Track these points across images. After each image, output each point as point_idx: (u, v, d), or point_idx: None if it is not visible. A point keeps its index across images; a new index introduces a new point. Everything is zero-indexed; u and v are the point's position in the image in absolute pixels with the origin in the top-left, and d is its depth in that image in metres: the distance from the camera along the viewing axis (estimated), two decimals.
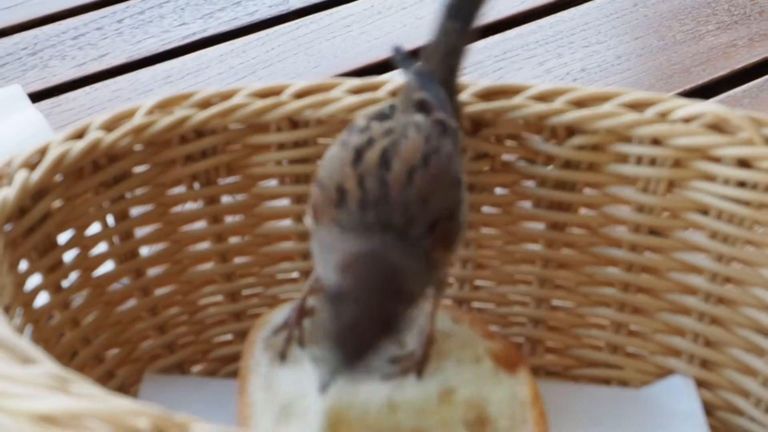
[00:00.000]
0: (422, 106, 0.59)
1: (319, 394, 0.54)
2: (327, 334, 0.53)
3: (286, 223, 0.66)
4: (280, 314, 0.63)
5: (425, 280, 0.56)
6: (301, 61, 0.99)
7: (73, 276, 0.61)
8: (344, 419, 0.58)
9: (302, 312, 0.61)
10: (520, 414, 0.59)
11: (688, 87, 0.95)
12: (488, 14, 0.93)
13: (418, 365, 0.60)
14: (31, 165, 0.58)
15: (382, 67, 0.96)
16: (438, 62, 0.62)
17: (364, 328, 0.53)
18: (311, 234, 0.57)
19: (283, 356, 0.60)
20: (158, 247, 0.65)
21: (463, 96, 0.63)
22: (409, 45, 0.97)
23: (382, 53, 0.99)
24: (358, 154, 0.56)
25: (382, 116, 0.59)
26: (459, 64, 0.62)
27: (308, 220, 0.58)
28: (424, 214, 0.55)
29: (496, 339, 0.64)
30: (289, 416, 0.58)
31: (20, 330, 0.56)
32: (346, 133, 0.59)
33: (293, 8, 1.07)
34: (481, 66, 0.96)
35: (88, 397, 0.42)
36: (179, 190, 0.64)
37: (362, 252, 0.54)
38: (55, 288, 0.60)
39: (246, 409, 0.59)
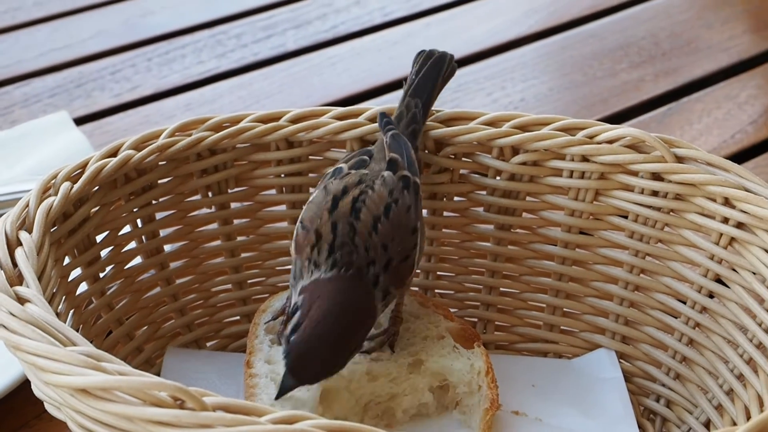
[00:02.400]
0: (392, 164, 0.59)
1: (274, 399, 0.55)
2: (288, 355, 0.54)
3: (284, 224, 0.67)
4: (278, 301, 0.64)
5: (380, 308, 0.56)
6: (296, 93, 0.99)
7: (108, 269, 0.62)
8: (333, 387, 0.58)
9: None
10: (476, 381, 0.60)
11: (606, 114, 0.96)
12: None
13: (391, 341, 0.61)
14: (73, 178, 0.58)
15: (361, 97, 0.99)
16: (403, 127, 0.62)
17: (318, 351, 0.54)
18: (292, 262, 0.58)
19: (280, 337, 0.61)
20: (178, 244, 0.65)
21: (428, 122, 0.64)
22: (383, 80, 1.00)
23: (361, 86, 1.00)
24: (335, 202, 0.57)
25: (359, 164, 0.59)
26: (420, 128, 0.63)
27: (291, 251, 0.58)
28: (382, 256, 0.56)
29: (456, 320, 0.64)
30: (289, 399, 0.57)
31: (64, 314, 0.57)
32: (330, 176, 0.59)
33: (289, 50, 1.07)
34: (441, 97, 0.97)
35: (118, 373, 0.43)
36: (196, 198, 0.65)
37: (328, 284, 0.55)
38: (93, 279, 0.60)
39: (252, 380, 0.59)
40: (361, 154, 0.61)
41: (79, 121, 0.93)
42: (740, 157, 0.90)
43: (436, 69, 0.65)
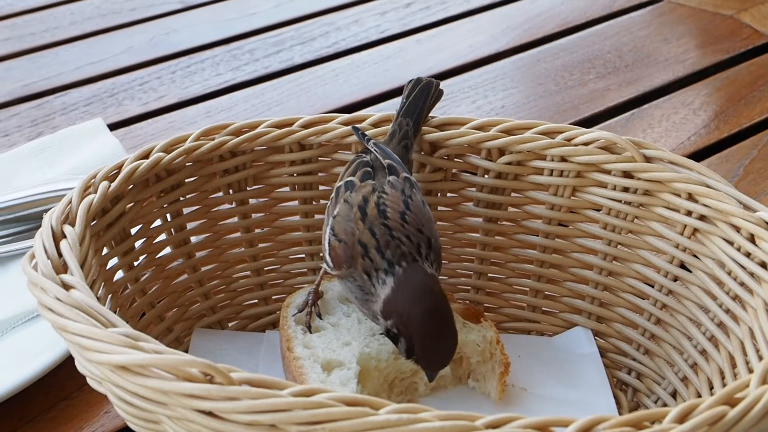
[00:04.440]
0: (392, 170, 0.59)
1: (428, 382, 0.56)
2: (429, 345, 0.53)
3: (296, 218, 0.67)
4: (299, 297, 0.63)
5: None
6: (303, 101, 0.99)
7: (142, 258, 0.61)
8: (365, 368, 0.58)
9: (317, 295, 0.62)
10: (489, 350, 0.59)
11: (577, 119, 0.95)
12: (435, 68, 0.96)
13: None
14: (110, 177, 0.58)
15: (360, 105, 0.98)
16: (395, 143, 0.62)
17: (452, 331, 0.54)
18: (335, 275, 0.57)
19: (309, 328, 0.60)
20: (203, 236, 0.65)
21: (423, 127, 0.64)
22: (379, 90, 1.00)
23: (359, 96, 1.00)
24: (363, 210, 0.56)
25: (366, 176, 0.58)
26: (411, 143, 0.62)
27: (327, 268, 0.57)
28: (423, 239, 0.55)
29: (457, 302, 0.64)
30: (330, 367, 0.57)
31: (104, 298, 0.56)
32: (344, 188, 0.58)
33: (296, 63, 1.07)
34: None
35: (154, 351, 0.43)
36: (218, 195, 0.64)
37: (401, 286, 0.54)
38: (128, 267, 0.60)
39: (297, 362, 0.58)
40: (363, 165, 0.60)
41: (112, 126, 0.93)
42: (696, 156, 0.89)
43: (424, 93, 0.64)
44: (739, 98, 1.00)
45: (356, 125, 0.63)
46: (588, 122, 0.95)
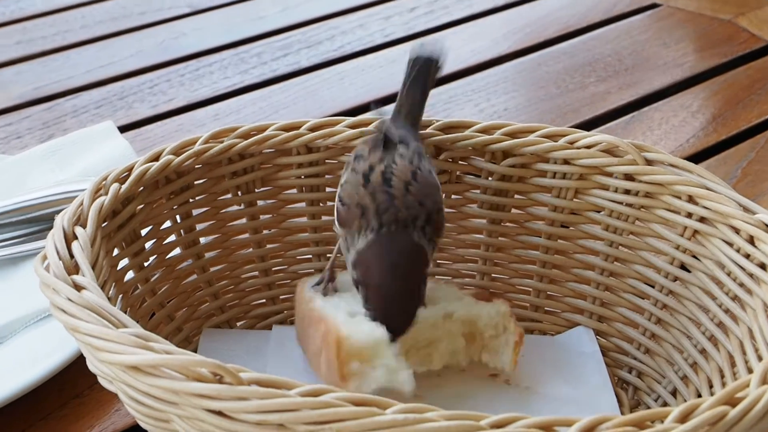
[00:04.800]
0: (402, 140, 0.59)
1: (391, 341, 0.53)
2: (377, 320, 0.53)
3: (303, 219, 0.66)
4: (311, 280, 0.61)
5: (430, 253, 0.56)
6: (310, 104, 0.98)
7: (152, 259, 0.61)
8: None
9: (333, 273, 0.61)
10: (502, 324, 0.58)
11: (577, 121, 0.95)
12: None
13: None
14: (121, 179, 0.57)
15: (365, 107, 0.97)
16: (403, 116, 0.61)
17: (409, 296, 0.54)
18: (340, 236, 0.57)
19: (325, 294, 0.59)
20: (212, 237, 0.64)
21: (428, 130, 0.63)
22: (384, 92, 1.00)
23: (365, 98, 0.99)
24: (366, 177, 0.56)
25: (376, 145, 0.58)
26: (420, 115, 0.62)
27: (336, 228, 0.57)
28: (422, 212, 0.55)
29: (467, 289, 0.63)
30: (355, 316, 0.55)
31: (114, 298, 0.56)
32: (353, 159, 0.58)
33: (303, 67, 1.06)
34: (434, 107, 0.96)
35: (164, 352, 0.42)
36: (227, 196, 0.64)
37: (377, 240, 0.54)
38: (138, 268, 0.59)
39: (319, 311, 0.56)
40: (375, 139, 0.59)
41: (122, 129, 0.92)
42: (694, 158, 0.89)
43: (425, 68, 0.63)
44: (736, 101, 0.99)
45: (376, 101, 0.62)
46: (589, 125, 0.95)
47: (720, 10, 1.18)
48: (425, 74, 0.63)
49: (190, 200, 0.62)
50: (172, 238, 0.62)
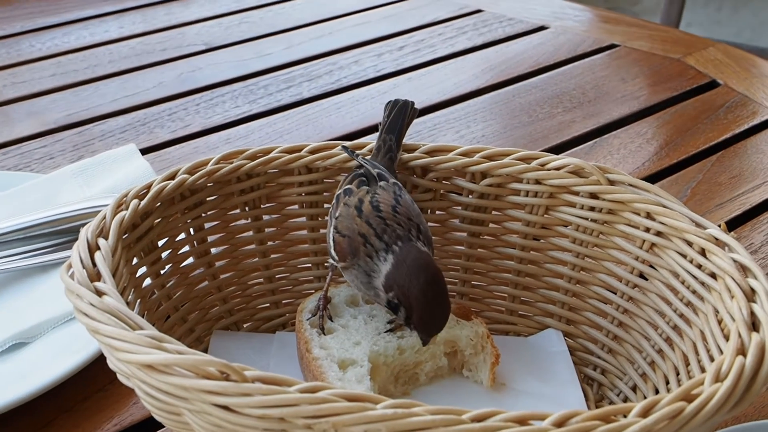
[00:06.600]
0: (381, 176, 0.58)
1: (423, 345, 0.54)
2: (426, 312, 0.52)
3: (304, 232, 0.65)
4: (311, 302, 0.61)
5: None
6: (310, 130, 0.97)
7: (167, 267, 0.60)
8: (375, 364, 0.56)
9: (326, 300, 0.60)
10: (480, 344, 0.58)
11: (547, 146, 0.94)
12: (425, 102, 0.95)
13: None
14: (140, 196, 0.56)
15: (360, 133, 0.97)
16: (381, 156, 0.61)
17: (446, 301, 0.53)
18: (341, 269, 0.56)
19: (322, 330, 0.59)
20: (222, 248, 0.63)
21: (415, 153, 0.62)
22: (376, 121, 0.99)
23: (359, 126, 0.98)
24: (358, 209, 0.56)
25: (362, 183, 0.58)
26: (395, 156, 0.61)
27: (332, 262, 0.56)
28: (413, 225, 0.55)
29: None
30: (345, 366, 0.56)
31: (133, 303, 0.55)
32: (343, 194, 0.58)
33: (304, 98, 1.05)
34: (420, 133, 0.96)
35: (176, 352, 0.42)
36: (236, 211, 0.63)
37: (400, 262, 0.53)
38: (155, 275, 0.59)
39: (316, 362, 0.56)
40: (358, 176, 0.59)
41: (144, 151, 0.91)
42: (649, 180, 0.88)
43: (402, 112, 0.64)
44: (685, 130, 0.99)
45: (344, 145, 0.62)
46: (557, 149, 0.94)
47: (670, 51, 1.18)
48: (404, 113, 0.63)
49: (203, 215, 0.61)
50: (186, 248, 0.61)
